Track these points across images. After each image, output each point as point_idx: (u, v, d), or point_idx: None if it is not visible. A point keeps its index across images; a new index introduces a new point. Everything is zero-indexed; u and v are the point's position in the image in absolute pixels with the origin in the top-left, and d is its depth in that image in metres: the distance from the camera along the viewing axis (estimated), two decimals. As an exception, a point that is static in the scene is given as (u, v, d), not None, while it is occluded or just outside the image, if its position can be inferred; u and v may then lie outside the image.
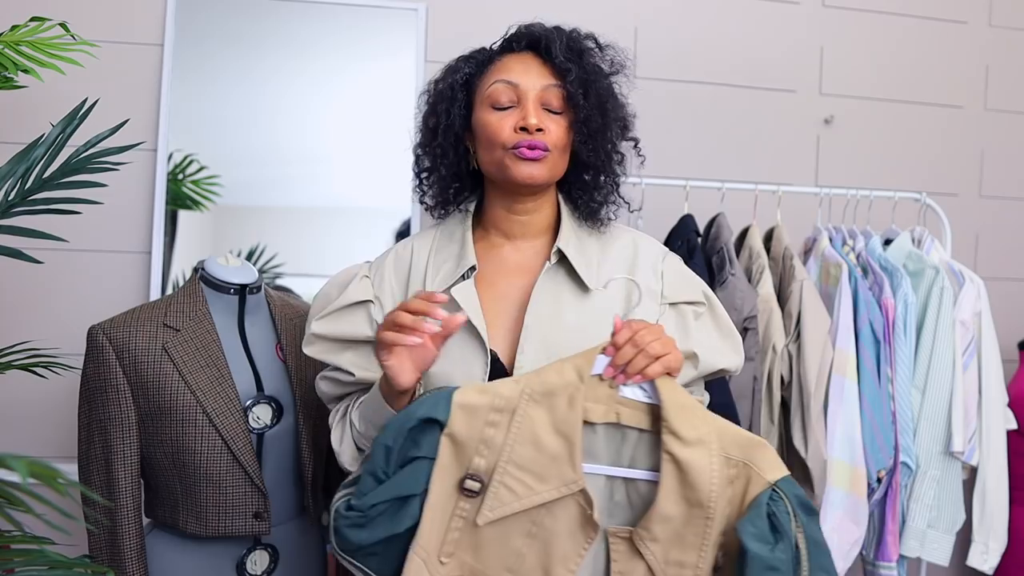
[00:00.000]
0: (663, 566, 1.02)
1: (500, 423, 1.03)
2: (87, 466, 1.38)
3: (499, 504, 1.02)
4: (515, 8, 1.41)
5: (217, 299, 1.45)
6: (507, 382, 1.05)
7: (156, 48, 1.96)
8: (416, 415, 1.03)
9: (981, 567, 1.91)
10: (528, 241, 1.25)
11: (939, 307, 1.86)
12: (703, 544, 1.02)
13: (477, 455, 1.03)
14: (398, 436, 1.03)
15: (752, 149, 2.26)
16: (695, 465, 1.00)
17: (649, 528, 1.02)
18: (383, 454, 1.03)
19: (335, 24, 2.04)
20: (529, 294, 1.20)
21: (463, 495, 1.04)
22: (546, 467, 1.02)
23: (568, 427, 1.02)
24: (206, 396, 1.36)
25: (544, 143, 1.16)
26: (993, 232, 2.40)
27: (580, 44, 1.21)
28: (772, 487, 1.00)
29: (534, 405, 1.03)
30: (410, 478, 1.03)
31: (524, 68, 1.19)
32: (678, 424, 1.02)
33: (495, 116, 1.18)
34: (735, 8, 2.25)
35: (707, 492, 1.00)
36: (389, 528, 1.02)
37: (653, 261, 1.25)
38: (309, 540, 1.51)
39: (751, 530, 0.97)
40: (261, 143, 2.03)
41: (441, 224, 1.29)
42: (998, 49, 2.40)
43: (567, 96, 1.18)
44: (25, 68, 1.45)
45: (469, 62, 1.25)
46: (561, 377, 1.04)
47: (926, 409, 1.85)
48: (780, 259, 1.87)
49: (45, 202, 1.42)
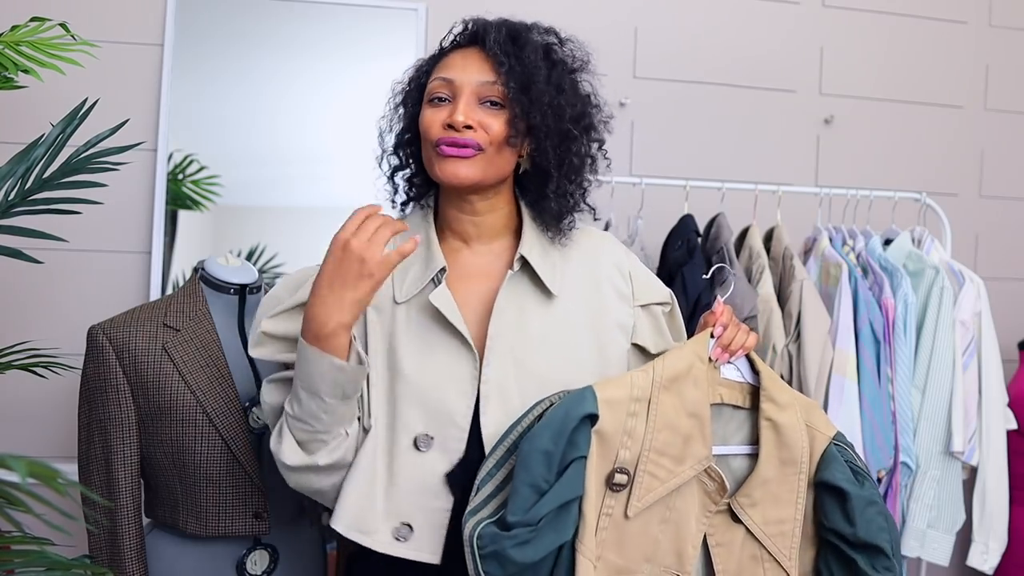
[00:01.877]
0: (763, 527, 1.10)
1: (639, 413, 1.06)
2: (87, 466, 1.38)
3: (646, 492, 1.06)
4: (515, 8, 1.41)
5: (217, 299, 1.45)
6: (637, 373, 1.09)
7: (156, 48, 1.96)
8: (576, 415, 1.02)
9: (981, 567, 1.91)
10: (485, 244, 1.20)
11: (939, 307, 1.86)
12: (797, 498, 1.11)
13: (622, 447, 1.06)
14: (559, 439, 1.01)
15: (752, 149, 2.26)
16: (788, 426, 1.10)
17: (749, 494, 1.10)
18: (543, 461, 1.00)
19: (335, 24, 2.04)
20: (490, 300, 1.16)
21: (609, 490, 1.05)
22: (682, 449, 1.07)
23: (698, 407, 1.08)
24: (206, 396, 1.36)
25: (473, 140, 1.10)
26: (993, 232, 2.40)
27: (523, 38, 1.14)
28: (832, 441, 1.12)
29: (664, 391, 1.07)
30: (574, 481, 1.01)
31: (463, 64, 1.14)
32: (774, 391, 1.12)
33: (429, 111, 1.13)
34: (735, 8, 2.25)
35: (799, 449, 1.10)
36: (556, 538, 1.01)
37: (618, 263, 1.23)
38: (309, 540, 1.51)
39: (841, 476, 1.09)
40: (261, 143, 2.03)
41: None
42: (998, 49, 2.40)
43: (504, 90, 1.12)
44: (25, 68, 1.45)
45: (428, 61, 1.20)
46: (684, 362, 1.09)
47: (926, 409, 1.85)
48: (780, 259, 1.88)
49: (45, 202, 1.42)
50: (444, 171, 1.11)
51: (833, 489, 1.10)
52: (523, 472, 1.00)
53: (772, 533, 1.10)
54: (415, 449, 1.10)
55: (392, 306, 1.17)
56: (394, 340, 1.14)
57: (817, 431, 1.13)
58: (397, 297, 1.16)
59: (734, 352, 1.14)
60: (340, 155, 2.08)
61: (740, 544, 1.11)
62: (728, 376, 1.14)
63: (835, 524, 1.10)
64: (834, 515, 1.10)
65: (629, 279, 1.22)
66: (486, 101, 1.12)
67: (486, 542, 0.99)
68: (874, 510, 1.09)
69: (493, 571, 0.99)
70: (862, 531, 1.08)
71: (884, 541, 1.09)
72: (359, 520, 1.10)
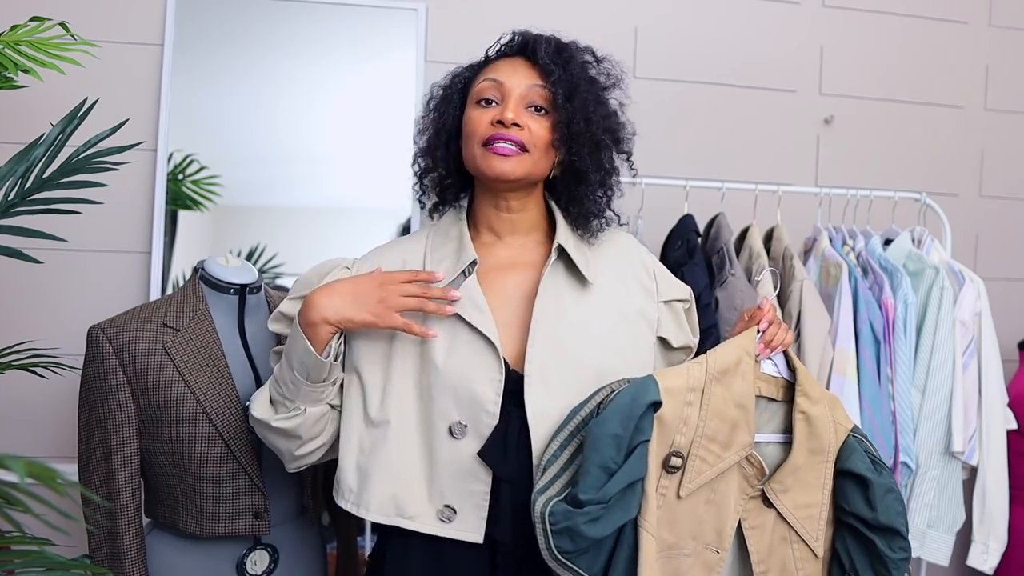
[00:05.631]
0: (793, 511, 1.19)
1: (694, 402, 1.15)
2: (87, 466, 1.38)
3: (697, 475, 1.15)
4: (515, 8, 1.41)
5: (217, 299, 1.45)
6: (692, 364, 1.17)
7: (156, 48, 1.96)
8: (644, 402, 1.10)
9: (981, 567, 1.91)
10: (518, 238, 1.28)
11: (939, 307, 1.85)
12: (824, 484, 1.20)
13: (678, 433, 1.14)
14: (628, 424, 1.09)
15: (752, 149, 2.26)
16: (819, 418, 1.19)
17: (782, 480, 1.19)
18: (613, 444, 1.08)
19: (335, 24, 2.04)
20: (527, 290, 1.24)
21: (665, 472, 1.14)
22: (728, 436, 1.16)
23: (744, 399, 1.17)
24: (206, 396, 1.36)
25: (520, 139, 1.18)
26: (993, 232, 2.40)
27: (569, 52, 1.24)
28: (851, 433, 1.21)
29: (715, 383, 1.16)
30: (639, 463, 1.10)
31: (512, 69, 1.22)
32: (808, 387, 1.21)
33: (477, 111, 1.22)
34: (735, 8, 2.25)
35: (827, 440, 1.20)
36: (623, 516, 1.09)
37: (643, 261, 1.32)
38: (309, 540, 1.51)
39: (862, 465, 1.18)
40: (261, 143, 2.03)
41: (434, 226, 1.31)
42: (998, 49, 2.40)
43: (551, 97, 1.21)
44: (25, 68, 1.45)
45: (469, 68, 1.29)
46: (733, 356, 1.18)
47: (926, 409, 1.85)
48: (780, 259, 1.87)
49: (45, 202, 1.42)
50: (491, 167, 1.19)
51: (855, 477, 1.19)
52: (594, 454, 1.08)
53: (801, 517, 1.20)
54: (451, 436, 1.18)
55: None
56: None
57: (839, 423, 1.21)
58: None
59: (774, 348, 1.22)
60: (340, 155, 2.08)
61: (771, 527, 1.20)
62: (766, 371, 1.23)
63: (856, 508, 1.19)
64: (856, 500, 1.19)
65: (654, 276, 1.31)
66: (532, 106, 1.21)
67: (558, 518, 1.06)
68: (892, 496, 1.18)
69: (564, 545, 1.06)
70: (882, 516, 1.17)
71: (901, 525, 1.18)
72: (398, 507, 1.19)
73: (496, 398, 1.17)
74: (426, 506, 1.19)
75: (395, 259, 1.28)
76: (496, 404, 1.17)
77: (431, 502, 1.19)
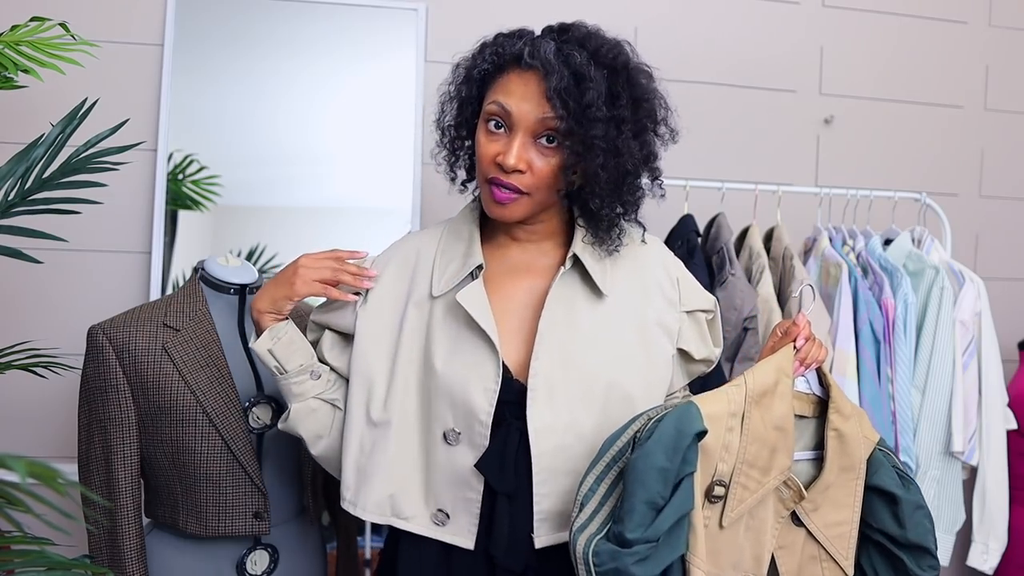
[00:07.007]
0: (823, 529, 1.15)
1: (735, 428, 1.09)
2: (87, 466, 1.38)
3: (738, 503, 1.09)
4: (515, 8, 1.40)
5: (217, 299, 1.45)
6: (731, 388, 1.10)
7: (156, 48, 1.96)
8: (689, 432, 1.02)
9: (981, 567, 1.91)
10: (535, 243, 1.23)
11: (939, 307, 1.85)
12: (854, 501, 1.16)
13: (720, 461, 1.08)
14: (674, 456, 1.02)
15: (752, 149, 2.26)
16: (850, 435, 1.15)
17: (813, 499, 1.14)
18: (660, 478, 1.01)
19: (335, 24, 2.04)
20: (537, 297, 1.19)
21: (708, 502, 1.08)
22: (768, 460, 1.10)
23: (784, 421, 1.11)
24: (206, 396, 1.36)
25: (517, 186, 1.11)
26: (993, 232, 2.40)
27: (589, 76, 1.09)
28: (877, 447, 1.18)
29: (755, 406, 1.10)
30: (687, 496, 1.03)
31: (523, 92, 1.11)
32: (841, 403, 1.16)
33: (484, 136, 1.14)
34: (735, 8, 2.25)
35: (858, 456, 1.16)
36: (671, 553, 1.02)
37: (666, 268, 1.25)
38: (309, 540, 1.51)
39: (891, 481, 1.15)
40: (261, 143, 2.03)
41: (450, 222, 1.28)
42: (998, 49, 2.40)
43: (563, 129, 1.09)
44: (25, 68, 1.45)
45: (494, 55, 1.16)
46: (771, 377, 1.12)
47: (926, 409, 1.85)
48: (780, 259, 1.87)
49: (45, 202, 1.42)
50: (491, 209, 1.16)
51: (884, 493, 1.15)
52: (640, 490, 1.01)
53: (832, 535, 1.16)
54: (446, 442, 1.16)
55: (430, 301, 1.20)
56: (430, 334, 1.18)
57: (865, 437, 1.17)
58: (434, 291, 1.20)
59: (809, 366, 1.16)
60: (340, 155, 2.08)
61: (801, 546, 1.15)
62: (798, 388, 1.18)
63: (884, 526, 1.15)
64: (884, 517, 1.15)
65: (677, 285, 1.24)
66: (542, 136, 1.11)
67: (603, 559, 0.99)
68: (921, 514, 1.15)
69: None
70: (912, 533, 1.14)
71: (930, 542, 1.15)
72: (395, 507, 1.18)
73: (489, 408, 1.13)
74: (421, 508, 1.18)
75: (410, 251, 1.25)
76: (488, 415, 1.13)
77: (426, 505, 1.17)
